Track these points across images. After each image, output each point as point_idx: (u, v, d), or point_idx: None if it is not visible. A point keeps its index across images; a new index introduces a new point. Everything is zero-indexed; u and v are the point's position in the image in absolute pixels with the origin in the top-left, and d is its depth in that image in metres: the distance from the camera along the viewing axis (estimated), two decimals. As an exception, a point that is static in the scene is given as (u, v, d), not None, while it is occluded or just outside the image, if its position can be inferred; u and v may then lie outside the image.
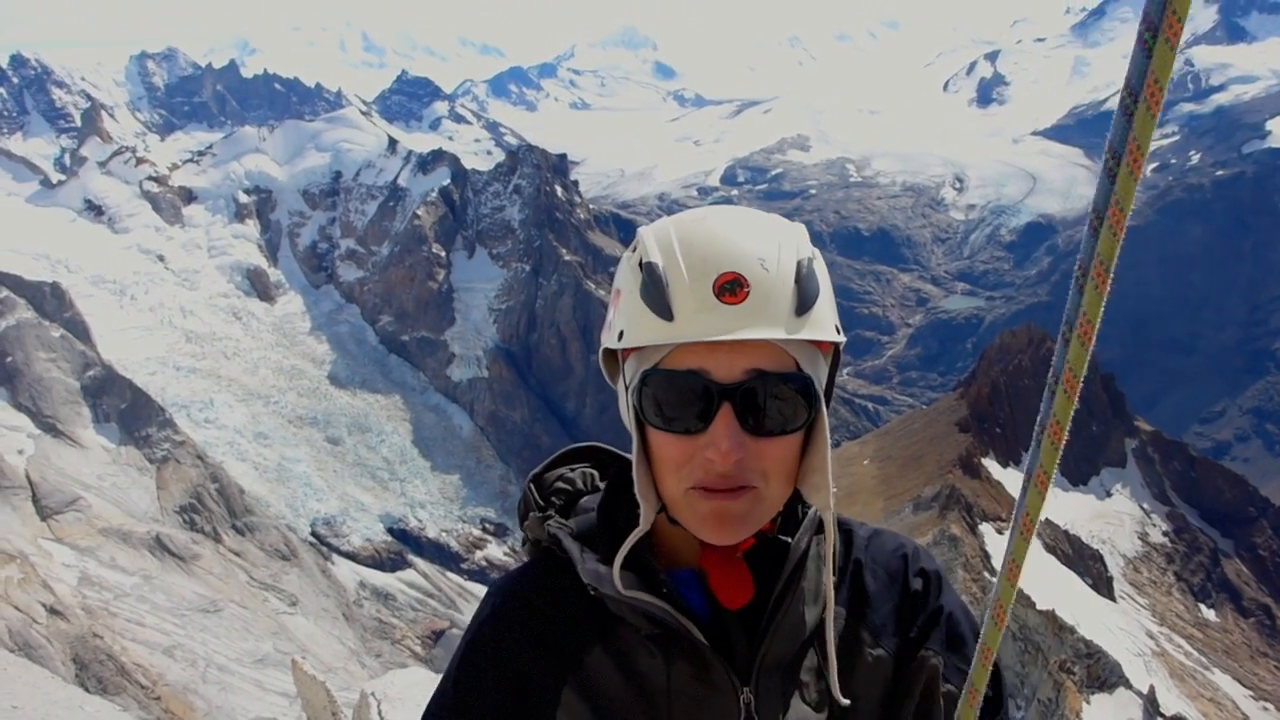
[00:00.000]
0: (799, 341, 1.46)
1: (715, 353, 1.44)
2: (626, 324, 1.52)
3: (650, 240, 1.53)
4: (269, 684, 60.27)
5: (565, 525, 1.72)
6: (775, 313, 1.42)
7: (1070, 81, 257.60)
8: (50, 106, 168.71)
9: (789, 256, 1.46)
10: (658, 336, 1.45)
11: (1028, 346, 64.01)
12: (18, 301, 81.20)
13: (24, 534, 64.69)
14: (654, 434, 1.51)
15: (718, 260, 1.43)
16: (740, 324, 1.41)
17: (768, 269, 1.43)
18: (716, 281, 1.41)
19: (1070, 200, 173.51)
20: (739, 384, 1.44)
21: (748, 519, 1.50)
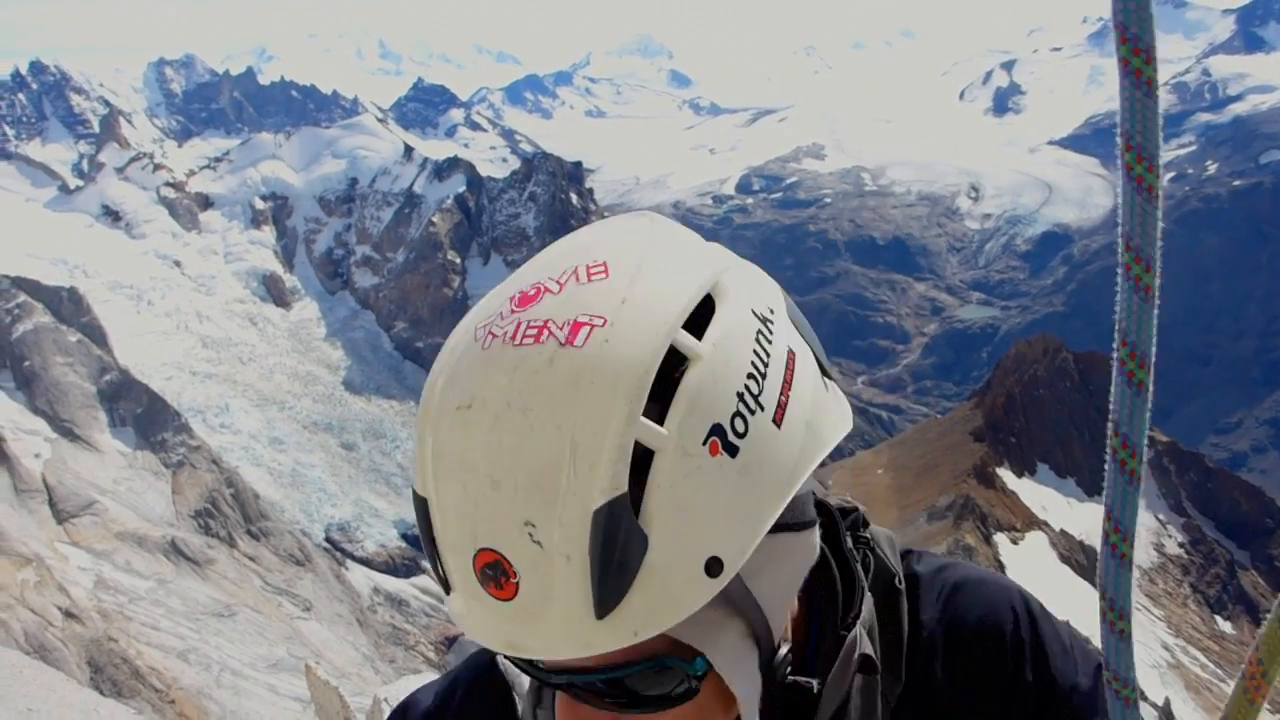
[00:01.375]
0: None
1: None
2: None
3: (420, 444, 0.98)
4: (283, 689, 60.41)
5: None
6: (561, 619, 0.88)
7: (1087, 91, 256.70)
8: (69, 113, 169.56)
9: (578, 509, 0.85)
10: (448, 607, 0.99)
11: (1043, 356, 63.80)
12: (35, 306, 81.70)
13: (40, 537, 65.04)
14: None
15: (472, 525, 0.89)
16: (513, 632, 0.91)
17: (540, 542, 0.86)
18: (475, 562, 0.90)
19: (1086, 210, 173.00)
20: (565, 675, 0.98)
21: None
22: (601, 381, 0.85)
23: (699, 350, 0.88)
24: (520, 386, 0.86)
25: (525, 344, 0.88)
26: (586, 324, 0.87)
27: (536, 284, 0.93)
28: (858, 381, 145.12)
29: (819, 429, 0.98)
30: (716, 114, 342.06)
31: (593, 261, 0.93)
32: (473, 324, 0.96)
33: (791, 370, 0.96)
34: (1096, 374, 64.00)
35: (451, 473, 0.90)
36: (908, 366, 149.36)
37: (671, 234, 1.00)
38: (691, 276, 0.93)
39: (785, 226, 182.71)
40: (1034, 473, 57.19)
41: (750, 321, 0.94)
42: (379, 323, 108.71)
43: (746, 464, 0.89)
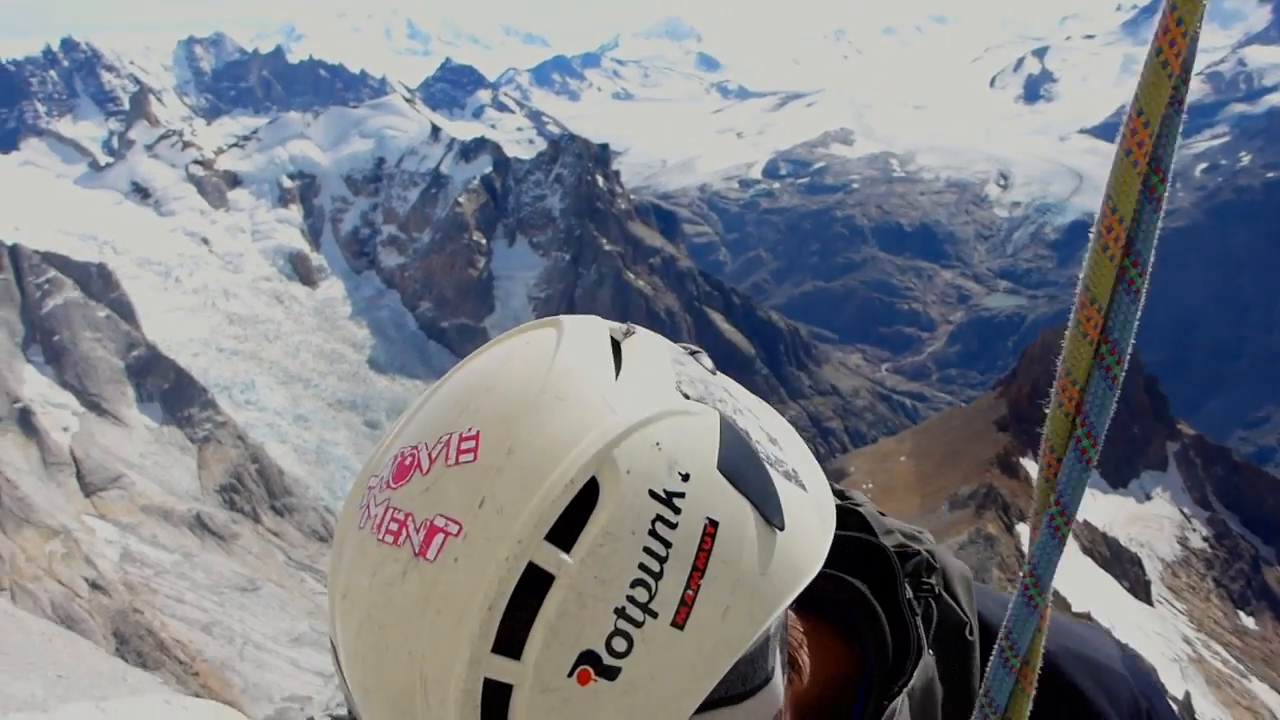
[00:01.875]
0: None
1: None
2: None
3: (330, 594, 0.88)
4: (304, 663, 60.85)
5: None
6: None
7: (1119, 79, 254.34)
8: (99, 90, 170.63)
9: (454, 674, 0.75)
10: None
11: (1069, 346, 63.43)
12: (65, 281, 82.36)
13: (68, 510, 65.69)
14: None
15: (358, 710, 0.84)
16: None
17: (429, 700, 0.76)
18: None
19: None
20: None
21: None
22: (448, 613, 0.75)
23: (564, 567, 0.75)
24: (377, 597, 0.79)
25: (386, 542, 0.79)
26: (441, 530, 0.77)
27: (415, 450, 0.83)
28: (882, 368, 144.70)
29: (751, 603, 0.82)
30: (744, 98, 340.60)
31: (467, 430, 0.81)
32: (366, 477, 0.88)
33: (706, 551, 0.79)
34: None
35: (341, 655, 0.85)
36: (933, 354, 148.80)
37: (572, 378, 0.83)
38: (570, 460, 0.77)
39: (812, 212, 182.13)
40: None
41: (645, 509, 0.78)
42: (404, 302, 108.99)
43: (633, 681, 0.76)
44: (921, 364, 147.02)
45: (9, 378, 73.08)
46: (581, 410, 0.80)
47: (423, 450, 0.82)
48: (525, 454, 0.78)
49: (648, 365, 0.87)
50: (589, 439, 0.78)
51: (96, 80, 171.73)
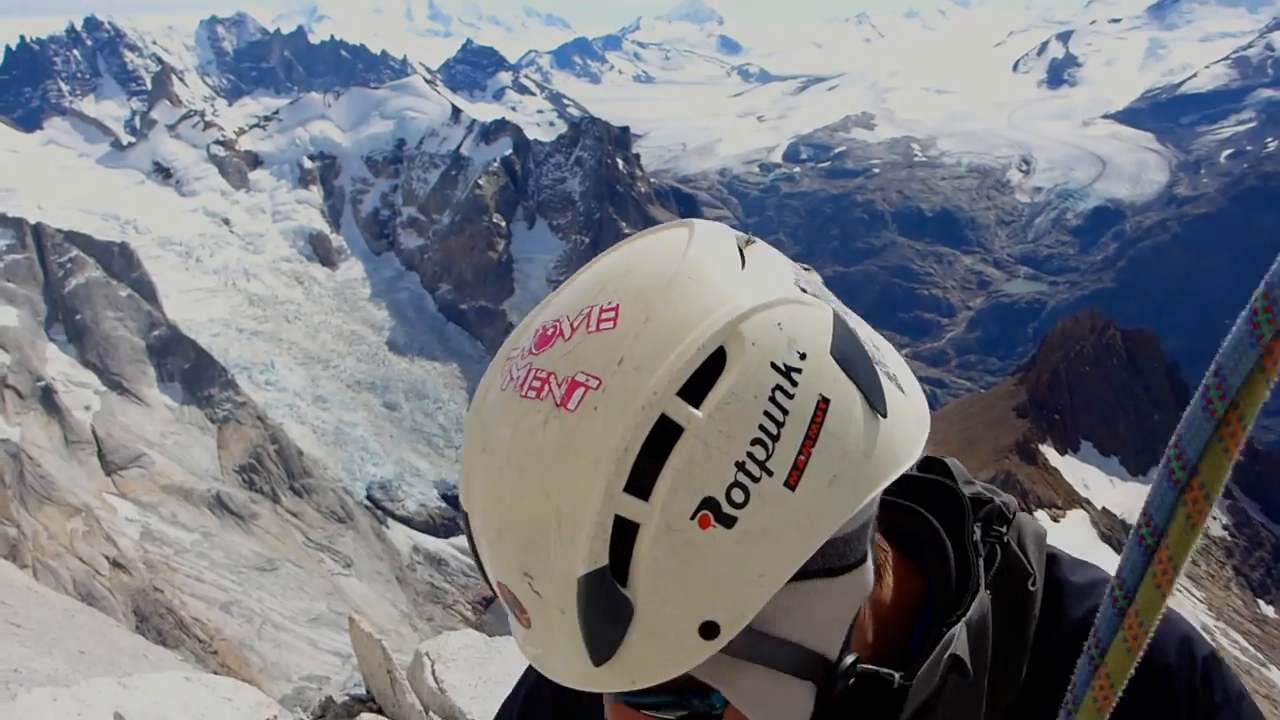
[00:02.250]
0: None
1: None
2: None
3: (465, 461, 0.96)
4: (322, 643, 61.30)
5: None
6: (565, 658, 0.91)
7: (1144, 64, 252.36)
8: (122, 69, 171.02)
9: (565, 573, 0.86)
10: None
11: (1090, 333, 63.11)
12: (87, 261, 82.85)
13: (89, 488, 66.23)
14: None
15: (489, 559, 0.93)
16: (536, 655, 0.95)
17: (538, 591, 0.88)
18: (498, 589, 0.94)
19: (1140, 185, 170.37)
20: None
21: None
22: (585, 455, 0.83)
23: (692, 420, 0.83)
24: (518, 445, 0.86)
25: (529, 397, 0.87)
26: (583, 385, 0.85)
27: (556, 322, 0.91)
28: (901, 354, 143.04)
29: (851, 479, 0.90)
30: (765, 81, 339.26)
31: (608, 303, 0.89)
32: (506, 351, 0.97)
33: (819, 424, 0.88)
34: (1144, 352, 63.35)
35: (475, 507, 0.93)
36: (952, 340, 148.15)
37: (706, 262, 0.92)
38: (700, 331, 0.86)
39: (832, 196, 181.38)
40: (1077, 450, 56.78)
41: (766, 378, 0.86)
42: (423, 284, 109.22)
43: (746, 531, 0.84)
44: (941, 350, 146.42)
45: (32, 356, 73.63)
46: (712, 290, 0.88)
47: (564, 322, 0.90)
48: (661, 322, 0.86)
49: (770, 263, 0.94)
50: (719, 313, 0.86)
51: (119, 60, 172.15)
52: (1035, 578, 1.12)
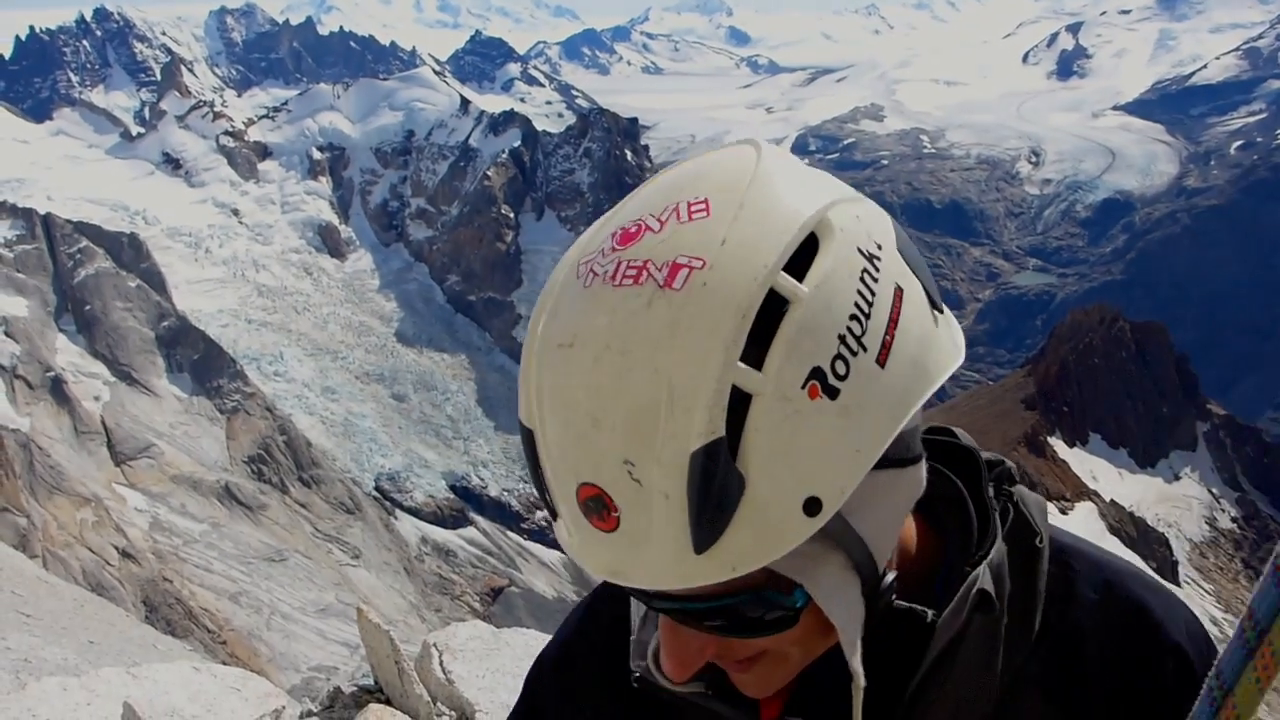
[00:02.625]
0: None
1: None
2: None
3: (524, 376, 0.95)
4: (331, 634, 61.46)
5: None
6: (660, 552, 0.88)
7: (1154, 56, 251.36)
8: (131, 60, 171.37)
9: (676, 450, 0.84)
10: (555, 531, 1.01)
11: (1099, 325, 62.93)
12: (96, 251, 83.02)
13: (99, 478, 66.45)
14: None
15: (574, 460, 0.90)
16: (618, 562, 0.92)
17: (640, 480, 0.86)
18: (579, 494, 0.90)
19: (1149, 177, 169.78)
20: (669, 601, 0.96)
21: (773, 682, 1.07)
22: (699, 326, 0.84)
23: (799, 293, 0.87)
24: (619, 328, 0.86)
25: (625, 284, 0.87)
26: (685, 266, 0.86)
27: (639, 220, 0.92)
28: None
29: (926, 365, 0.96)
30: (774, 72, 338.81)
31: (695, 198, 0.91)
32: (575, 259, 0.95)
33: (898, 309, 0.93)
34: (1153, 344, 63.22)
35: (554, 408, 0.90)
36: (961, 331, 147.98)
37: (778, 166, 0.95)
38: (795, 215, 0.90)
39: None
40: (1085, 442, 56.71)
41: (855, 260, 0.91)
42: (432, 275, 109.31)
43: (847, 405, 0.88)
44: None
45: (41, 347, 73.85)
46: (795, 184, 0.93)
47: (648, 218, 0.91)
48: (755, 209, 0.89)
49: (826, 173, 0.99)
50: (808, 202, 0.91)
51: (129, 50, 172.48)
52: (1042, 536, 1.17)
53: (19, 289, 77.51)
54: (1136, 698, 1.13)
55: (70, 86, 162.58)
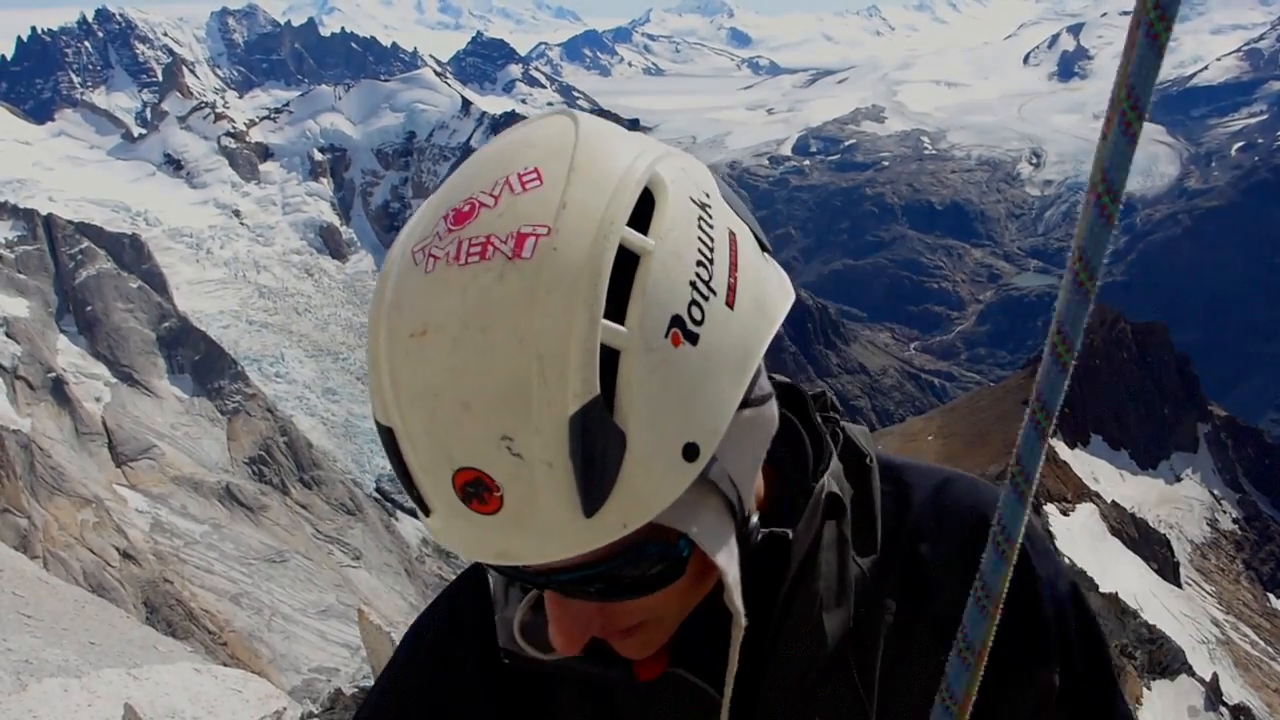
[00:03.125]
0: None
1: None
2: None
3: (376, 374, 0.90)
4: (331, 635, 61.40)
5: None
6: (549, 523, 0.88)
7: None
8: (133, 61, 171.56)
9: (553, 417, 0.84)
10: (427, 527, 0.97)
11: (1100, 327, 62.83)
12: (98, 252, 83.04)
13: (100, 479, 66.43)
14: None
15: (446, 447, 0.87)
16: (502, 543, 0.91)
17: (520, 454, 0.85)
18: (455, 480, 0.87)
19: (1150, 179, 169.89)
20: (553, 575, 0.96)
21: (655, 641, 1.08)
22: (557, 290, 0.83)
23: (647, 245, 0.87)
24: (474, 306, 0.84)
25: (471, 263, 0.85)
26: (530, 235, 0.85)
27: (469, 199, 0.90)
28: (910, 347, 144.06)
29: (765, 305, 0.99)
30: (775, 74, 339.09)
31: (523, 169, 0.90)
32: (408, 246, 0.92)
33: (735, 251, 0.95)
34: (1154, 345, 63.18)
35: (416, 400, 0.87)
36: (962, 333, 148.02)
37: (597, 128, 0.96)
38: (628, 172, 0.90)
39: (842, 189, 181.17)
40: (1086, 444, 56.64)
41: (690, 210, 0.93)
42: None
43: (707, 350, 0.90)
44: (950, 343, 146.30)
45: (43, 348, 73.87)
46: (618, 144, 0.93)
47: (479, 195, 0.89)
48: (586, 170, 0.89)
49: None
50: (635, 159, 0.91)
51: (130, 51, 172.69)
52: (871, 457, 1.24)
53: (20, 290, 77.54)
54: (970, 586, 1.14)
55: (72, 87, 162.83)
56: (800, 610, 1.14)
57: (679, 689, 1.15)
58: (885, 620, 1.20)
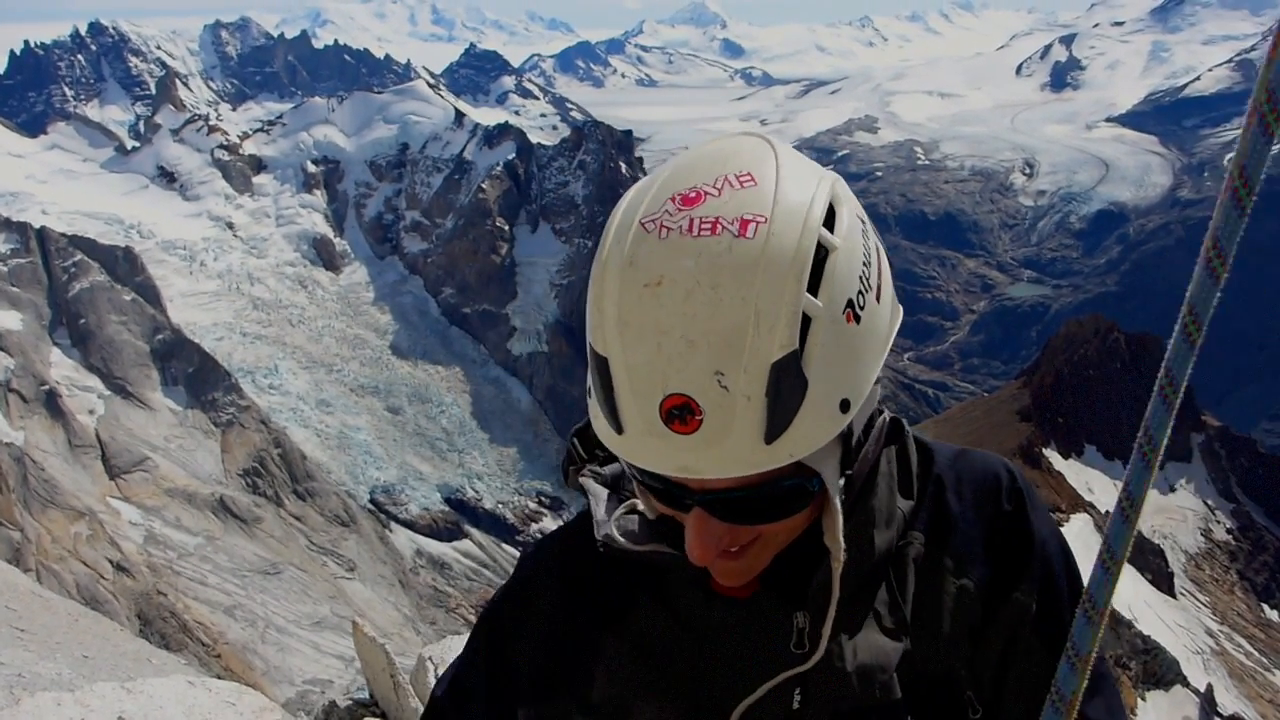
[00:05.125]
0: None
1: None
2: (590, 405, 1.33)
3: (601, 313, 1.19)
4: (325, 647, 61.27)
5: (598, 473, 1.57)
6: (735, 446, 1.16)
7: (1148, 67, 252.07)
8: (126, 74, 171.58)
9: (760, 361, 1.13)
10: (613, 445, 1.26)
11: (1094, 336, 63.00)
12: (91, 265, 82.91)
13: (93, 492, 66.25)
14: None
15: (664, 376, 1.14)
16: (692, 459, 1.18)
17: (727, 387, 1.13)
18: (663, 405, 1.15)
19: (1143, 189, 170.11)
20: (709, 495, 1.25)
21: (757, 568, 1.37)
22: (776, 264, 1.12)
23: (836, 243, 1.17)
24: (706, 267, 1.12)
25: (703, 235, 1.13)
26: (752, 220, 1.13)
27: (696, 188, 1.17)
28: (904, 357, 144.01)
29: (896, 306, 1.32)
30: (768, 85, 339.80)
31: (739, 171, 1.18)
32: (636, 218, 1.19)
33: (880, 260, 1.27)
34: (1148, 355, 63.23)
35: (645, 335, 1.14)
36: (955, 344, 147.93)
37: (790, 151, 1.24)
38: (819, 185, 1.20)
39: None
40: (1081, 454, 56.66)
41: (857, 222, 1.23)
42: (427, 288, 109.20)
43: (866, 329, 1.21)
44: (944, 353, 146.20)
45: (36, 360, 73.71)
46: (805, 164, 1.23)
47: (705, 186, 1.18)
48: (792, 179, 1.18)
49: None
50: (821, 176, 1.22)
51: (123, 64, 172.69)
52: (906, 428, 1.58)
53: (13, 303, 77.38)
54: (998, 537, 1.53)
55: (65, 101, 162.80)
56: (859, 522, 1.42)
57: (752, 607, 1.44)
58: (915, 549, 1.50)
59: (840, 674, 1.42)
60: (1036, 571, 1.52)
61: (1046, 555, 1.54)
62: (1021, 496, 1.57)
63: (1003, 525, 1.55)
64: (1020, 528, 1.55)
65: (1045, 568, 1.53)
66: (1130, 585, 42.61)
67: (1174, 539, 54.61)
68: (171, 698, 4.82)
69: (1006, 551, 1.53)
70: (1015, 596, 1.51)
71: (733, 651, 1.46)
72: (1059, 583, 1.54)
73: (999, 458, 1.65)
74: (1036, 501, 1.60)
